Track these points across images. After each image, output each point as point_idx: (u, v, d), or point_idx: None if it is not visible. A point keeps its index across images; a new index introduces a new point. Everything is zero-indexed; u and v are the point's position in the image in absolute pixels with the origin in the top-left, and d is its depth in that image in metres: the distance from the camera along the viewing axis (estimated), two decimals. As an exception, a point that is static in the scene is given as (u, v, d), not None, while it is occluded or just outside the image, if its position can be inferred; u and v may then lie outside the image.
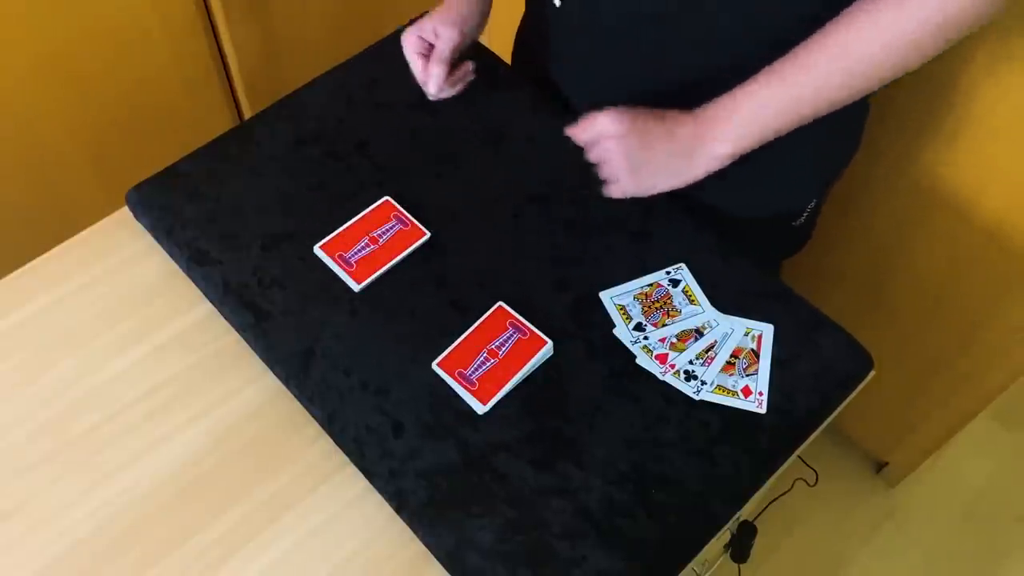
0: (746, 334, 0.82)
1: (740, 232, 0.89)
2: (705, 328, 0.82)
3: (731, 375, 0.79)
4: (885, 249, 1.29)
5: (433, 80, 0.93)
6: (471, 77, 0.98)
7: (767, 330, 0.82)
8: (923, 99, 1.09)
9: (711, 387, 0.79)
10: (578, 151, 0.84)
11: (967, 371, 1.31)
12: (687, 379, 0.79)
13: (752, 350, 0.81)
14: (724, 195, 0.89)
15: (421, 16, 0.96)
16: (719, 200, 0.89)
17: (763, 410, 0.78)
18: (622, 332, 0.82)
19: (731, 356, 0.81)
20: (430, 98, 0.96)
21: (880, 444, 1.58)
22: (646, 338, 0.81)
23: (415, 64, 0.95)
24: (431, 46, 0.93)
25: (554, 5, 0.86)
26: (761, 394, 0.79)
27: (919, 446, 1.49)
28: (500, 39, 1.51)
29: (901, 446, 1.53)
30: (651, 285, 0.85)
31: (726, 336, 0.82)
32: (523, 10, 1.02)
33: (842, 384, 0.81)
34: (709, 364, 0.80)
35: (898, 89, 1.09)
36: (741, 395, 0.79)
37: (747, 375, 0.80)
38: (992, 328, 1.23)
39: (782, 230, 0.99)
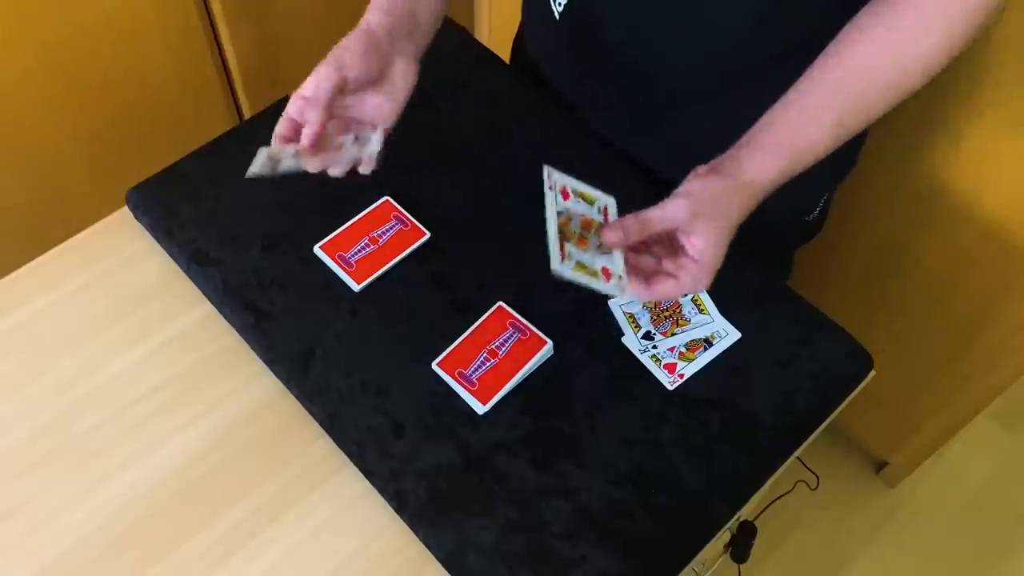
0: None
1: (755, 229, 0.88)
2: (714, 338, 0.82)
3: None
4: (886, 249, 1.29)
5: (307, 133, 0.70)
6: (371, 152, 0.74)
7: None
8: (924, 99, 1.09)
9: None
10: None
11: (967, 371, 1.31)
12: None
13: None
14: None
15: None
16: None
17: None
18: (631, 341, 0.81)
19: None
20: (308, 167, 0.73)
21: (880, 444, 1.58)
22: (655, 347, 0.81)
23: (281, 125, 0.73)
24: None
25: (553, 17, 0.85)
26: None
27: (919, 446, 1.49)
28: (500, 39, 1.51)
29: (901, 446, 1.53)
30: None
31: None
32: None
33: (842, 384, 0.81)
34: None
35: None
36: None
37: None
38: (993, 328, 1.23)
39: (796, 224, 0.99)
